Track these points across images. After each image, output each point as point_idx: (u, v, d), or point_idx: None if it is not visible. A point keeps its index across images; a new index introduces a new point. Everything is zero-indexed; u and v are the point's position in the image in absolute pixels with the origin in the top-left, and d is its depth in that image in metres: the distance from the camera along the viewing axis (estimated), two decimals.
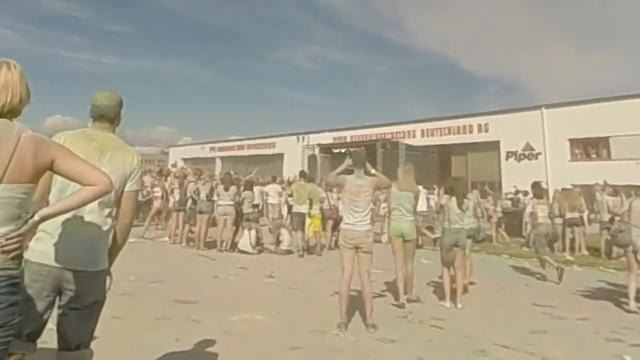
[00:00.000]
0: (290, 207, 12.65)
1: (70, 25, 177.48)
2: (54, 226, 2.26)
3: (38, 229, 2.08)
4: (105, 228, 2.51)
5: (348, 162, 5.98)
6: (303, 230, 11.36)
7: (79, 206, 2.09)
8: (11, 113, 1.98)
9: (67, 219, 2.29)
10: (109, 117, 2.67)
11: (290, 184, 15.31)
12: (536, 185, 10.12)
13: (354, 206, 5.57)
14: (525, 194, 16.41)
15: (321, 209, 12.69)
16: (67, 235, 2.36)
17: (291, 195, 12.17)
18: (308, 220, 11.49)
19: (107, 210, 2.50)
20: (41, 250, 2.28)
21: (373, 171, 6.03)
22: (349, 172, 5.87)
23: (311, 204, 11.51)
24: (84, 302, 2.41)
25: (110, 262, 2.60)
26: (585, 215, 12.66)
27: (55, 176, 2.18)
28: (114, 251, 2.63)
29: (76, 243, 2.38)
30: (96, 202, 2.23)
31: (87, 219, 2.42)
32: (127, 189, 2.55)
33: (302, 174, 12.78)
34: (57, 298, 2.40)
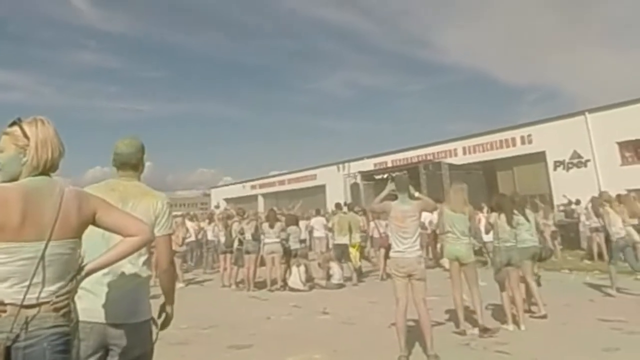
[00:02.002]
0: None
1: (104, 76, 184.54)
2: (91, 281, 2.23)
3: None
4: (143, 276, 2.50)
5: (390, 186, 5.87)
6: (349, 259, 11.42)
7: (122, 257, 2.10)
8: (51, 168, 2.02)
9: (104, 272, 2.27)
10: (131, 164, 2.68)
11: (333, 214, 15.24)
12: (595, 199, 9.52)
13: (402, 232, 5.43)
14: (577, 202, 15.86)
15: (371, 238, 12.68)
16: (106, 289, 2.36)
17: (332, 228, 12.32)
18: (352, 250, 11.71)
19: (142, 259, 2.49)
20: (82, 307, 2.26)
21: (417, 194, 5.87)
22: (393, 197, 5.74)
23: (350, 233, 11.76)
24: (130, 356, 2.37)
25: (167, 311, 2.68)
26: None
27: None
28: (167, 300, 2.69)
29: (115, 296, 2.37)
30: None
31: (123, 270, 2.40)
32: (156, 233, 2.49)
33: (338, 206, 13.31)
34: (105, 355, 2.37)
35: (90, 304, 2.30)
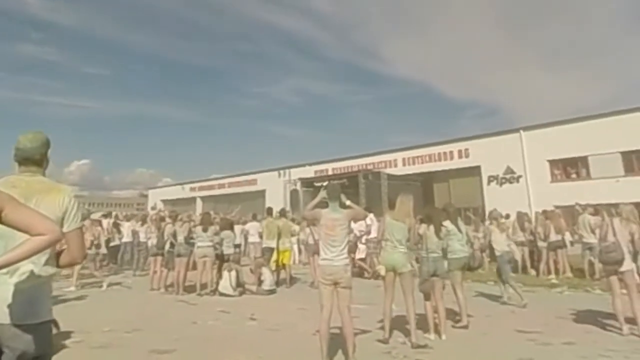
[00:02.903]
0: None
1: (46, 70, 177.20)
2: None
3: None
4: (44, 276, 2.36)
5: (322, 194, 5.89)
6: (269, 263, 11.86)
7: (28, 256, 2.01)
8: None
9: (2, 272, 2.15)
10: (34, 160, 2.55)
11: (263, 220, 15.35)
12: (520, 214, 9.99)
13: (331, 240, 5.44)
14: (507, 217, 16.43)
15: (305, 244, 12.82)
16: (2, 287, 2.23)
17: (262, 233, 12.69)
18: (283, 255, 12.15)
19: (45, 258, 2.36)
20: None
21: (348, 202, 5.89)
22: (325, 205, 5.75)
23: (279, 238, 12.11)
24: (25, 358, 2.24)
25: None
26: (567, 237, 12.64)
27: None
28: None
29: (12, 295, 2.24)
30: None
31: (22, 268, 2.27)
32: (65, 229, 2.38)
33: (268, 211, 13.49)
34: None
35: None
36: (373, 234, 13.38)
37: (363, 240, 13.43)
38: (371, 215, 12.41)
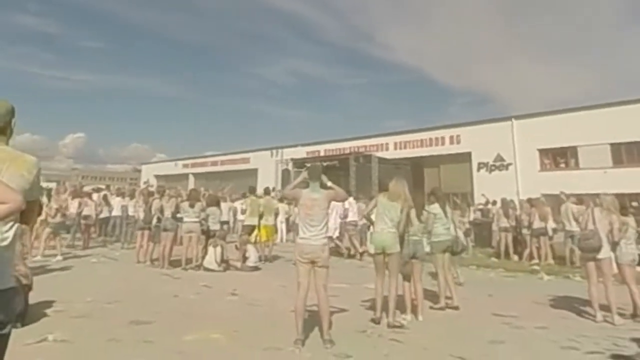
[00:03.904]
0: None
1: (41, 41, 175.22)
2: None
3: None
4: (4, 244, 2.33)
5: (304, 174, 5.94)
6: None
7: None
8: None
9: None
10: None
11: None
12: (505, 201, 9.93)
13: (309, 219, 5.50)
14: (494, 203, 16.59)
15: (293, 223, 13.09)
16: None
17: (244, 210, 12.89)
18: (263, 232, 12.63)
19: (7, 225, 2.33)
20: None
21: (329, 184, 5.92)
22: (306, 185, 5.80)
23: (261, 216, 12.47)
24: None
25: None
26: (549, 225, 12.78)
27: None
28: None
29: None
30: None
31: None
32: (27, 198, 2.33)
33: (251, 189, 13.74)
34: None
35: None
36: (351, 217, 13.56)
37: (338, 221, 13.53)
38: (350, 199, 12.54)
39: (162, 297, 7.80)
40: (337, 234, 13.76)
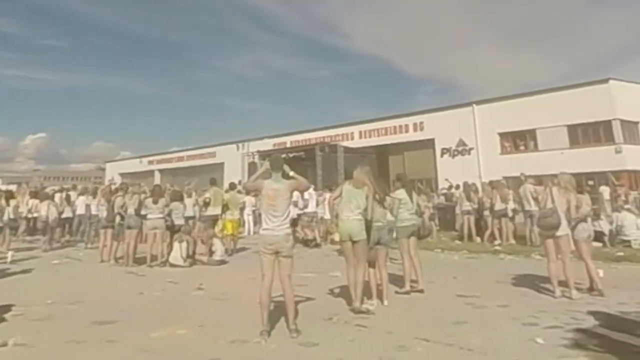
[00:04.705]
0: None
1: (0, 41, 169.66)
2: None
3: None
4: None
5: (266, 165, 5.92)
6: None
7: None
8: None
9: None
10: None
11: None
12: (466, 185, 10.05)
13: (272, 210, 5.49)
14: (457, 187, 16.86)
15: (254, 213, 13.13)
16: None
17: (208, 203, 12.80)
18: (228, 225, 12.68)
19: None
20: None
21: (292, 173, 5.91)
22: (269, 175, 5.78)
23: (224, 209, 12.53)
24: None
25: None
26: (509, 206, 13.06)
27: None
28: None
29: None
30: None
31: None
32: None
33: (212, 181, 13.77)
34: None
35: None
36: (310, 209, 13.62)
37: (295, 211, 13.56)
38: (310, 190, 12.61)
39: (127, 296, 7.70)
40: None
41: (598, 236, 10.68)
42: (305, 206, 13.59)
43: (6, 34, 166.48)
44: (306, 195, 12.49)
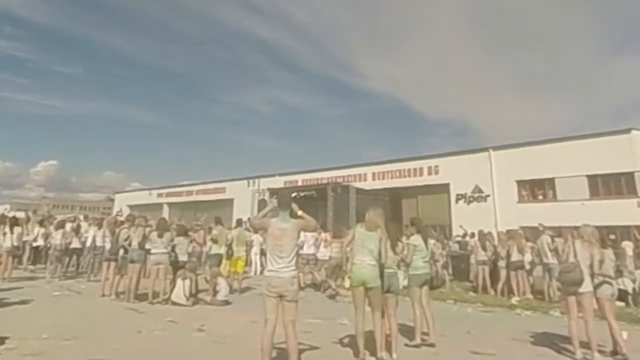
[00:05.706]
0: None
1: (15, 65, 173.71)
2: None
3: None
4: None
5: (273, 203, 5.65)
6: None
7: None
8: None
9: None
10: None
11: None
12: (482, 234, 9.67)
13: (278, 251, 5.21)
14: (472, 235, 16.42)
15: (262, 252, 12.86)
16: None
17: (215, 241, 12.20)
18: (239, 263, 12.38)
19: None
20: None
21: (300, 212, 5.63)
22: (277, 214, 5.51)
23: (230, 247, 12.18)
24: None
25: None
26: (526, 257, 12.58)
27: None
28: None
29: None
30: None
31: None
32: None
33: (218, 220, 13.06)
34: None
35: None
36: (305, 250, 13.16)
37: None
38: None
39: (124, 333, 7.34)
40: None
41: (621, 295, 10.21)
42: (300, 247, 13.08)
43: (22, 59, 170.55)
44: (302, 236, 12.03)
